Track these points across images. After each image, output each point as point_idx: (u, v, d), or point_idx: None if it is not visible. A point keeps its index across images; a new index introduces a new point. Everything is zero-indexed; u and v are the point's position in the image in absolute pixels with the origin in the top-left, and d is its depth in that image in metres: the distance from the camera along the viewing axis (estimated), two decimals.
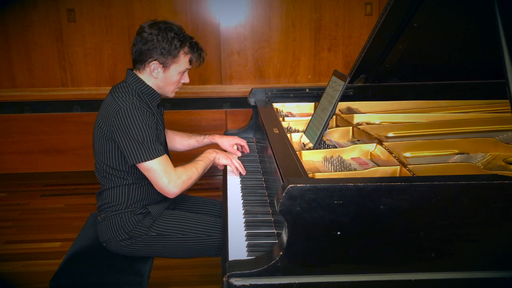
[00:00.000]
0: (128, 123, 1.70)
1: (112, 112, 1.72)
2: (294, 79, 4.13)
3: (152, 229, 1.83)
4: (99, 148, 1.82)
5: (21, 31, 3.83)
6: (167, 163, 1.76)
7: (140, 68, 1.84)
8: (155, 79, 1.84)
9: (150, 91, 1.85)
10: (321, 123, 1.85)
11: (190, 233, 1.84)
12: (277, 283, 1.17)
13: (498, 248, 1.20)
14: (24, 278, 2.59)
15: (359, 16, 4.02)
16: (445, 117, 2.20)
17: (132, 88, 1.82)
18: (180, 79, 1.89)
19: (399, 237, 1.16)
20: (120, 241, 1.81)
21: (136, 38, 1.80)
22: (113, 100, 1.76)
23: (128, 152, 1.72)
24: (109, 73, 3.98)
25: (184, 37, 1.82)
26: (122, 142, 1.72)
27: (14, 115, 3.82)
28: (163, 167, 1.73)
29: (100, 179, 1.88)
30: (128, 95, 1.76)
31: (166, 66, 1.81)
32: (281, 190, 1.12)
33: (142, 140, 1.70)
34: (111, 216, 1.82)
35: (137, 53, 1.81)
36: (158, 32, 1.77)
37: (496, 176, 1.17)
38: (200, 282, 2.54)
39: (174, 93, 1.93)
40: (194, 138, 2.26)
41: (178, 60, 1.82)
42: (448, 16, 1.95)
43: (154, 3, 3.86)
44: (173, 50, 1.78)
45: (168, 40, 1.77)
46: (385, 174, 1.52)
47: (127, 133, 1.70)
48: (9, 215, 3.38)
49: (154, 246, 1.83)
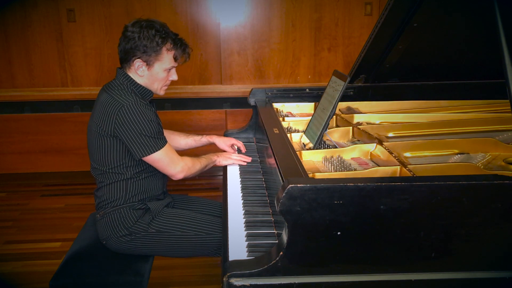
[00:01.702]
0: (133, 119, 1.75)
1: (114, 110, 1.75)
2: (294, 79, 4.13)
3: (151, 226, 1.84)
4: (96, 146, 1.84)
5: (21, 31, 3.83)
6: (171, 150, 1.87)
7: (126, 67, 1.86)
8: (141, 77, 1.86)
9: (141, 88, 1.88)
10: (321, 123, 1.85)
11: (189, 231, 1.85)
12: (277, 283, 1.17)
13: (498, 248, 1.20)
14: (24, 278, 2.59)
15: (359, 16, 4.02)
16: (445, 117, 2.20)
17: (126, 86, 1.84)
18: (168, 77, 1.90)
19: (399, 237, 1.16)
20: (120, 237, 1.81)
21: (120, 37, 1.83)
22: (111, 98, 1.78)
23: (135, 146, 1.77)
24: (109, 73, 3.97)
25: (166, 34, 1.83)
26: (128, 137, 1.77)
27: (14, 115, 3.82)
28: (170, 155, 1.85)
29: (97, 177, 1.90)
30: (126, 93, 1.80)
31: (150, 64, 1.83)
32: (281, 190, 1.12)
33: (147, 134, 1.77)
34: (110, 212, 1.84)
35: (122, 52, 1.84)
36: (139, 30, 1.79)
37: (496, 176, 1.17)
38: (200, 282, 2.54)
39: (164, 90, 1.95)
40: (192, 138, 2.30)
41: (161, 57, 1.83)
42: (448, 16, 1.95)
43: (154, 3, 3.86)
44: (155, 47, 1.80)
45: (149, 37, 1.78)
46: (385, 174, 1.52)
47: (132, 129, 1.75)
48: (9, 215, 3.38)
49: (154, 243, 1.84)
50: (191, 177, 2.00)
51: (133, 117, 1.75)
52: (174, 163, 1.87)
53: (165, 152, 1.83)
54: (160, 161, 1.83)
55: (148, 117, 1.77)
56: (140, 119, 1.76)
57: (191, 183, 3.85)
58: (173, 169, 1.87)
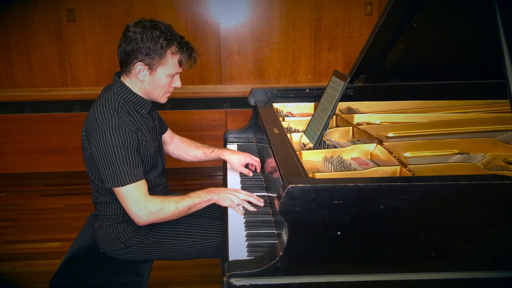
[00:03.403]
0: (104, 144, 1.58)
1: (91, 130, 1.62)
2: (294, 79, 4.13)
3: (148, 237, 1.79)
4: (86, 162, 1.74)
5: (21, 31, 3.83)
6: (139, 190, 1.61)
7: (126, 71, 1.70)
8: (141, 83, 1.69)
9: (137, 99, 1.72)
10: (321, 123, 1.85)
11: (187, 238, 1.81)
12: (277, 283, 1.17)
13: (498, 248, 1.20)
14: (24, 278, 2.59)
15: (359, 16, 4.02)
16: (445, 117, 2.20)
17: (117, 98, 1.69)
18: (170, 83, 1.73)
19: (399, 237, 1.16)
20: (117, 250, 1.78)
21: (121, 38, 1.66)
22: (94, 115, 1.64)
23: (105, 173, 1.61)
24: (109, 73, 3.98)
25: (172, 36, 1.66)
26: (100, 162, 1.62)
27: (14, 115, 3.82)
28: (133, 194, 1.60)
29: (94, 190, 1.80)
30: (108, 110, 1.64)
31: (153, 68, 1.66)
32: (281, 190, 1.12)
33: (118, 161, 1.59)
34: (106, 226, 1.78)
35: (122, 55, 1.67)
36: (142, 30, 1.62)
37: (496, 176, 1.17)
38: (200, 282, 2.54)
39: (166, 98, 1.78)
40: (202, 150, 2.10)
41: (165, 61, 1.66)
42: (448, 16, 1.95)
43: (154, 3, 3.86)
44: (159, 49, 1.63)
45: (153, 39, 1.61)
46: (385, 174, 1.52)
47: (103, 155, 1.60)
48: (9, 215, 3.37)
49: (151, 252, 1.81)
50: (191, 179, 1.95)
51: (104, 142, 1.58)
52: (136, 206, 1.60)
53: (130, 190, 1.59)
54: (121, 197, 1.61)
55: (121, 144, 1.58)
56: (111, 146, 1.57)
57: (190, 183, 3.84)
58: (132, 212, 1.61)
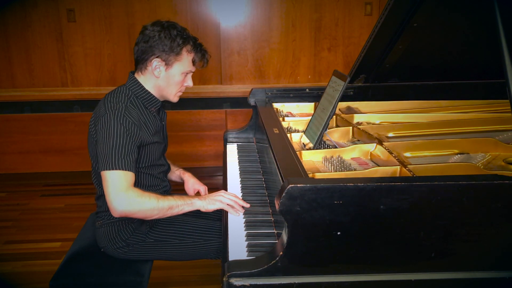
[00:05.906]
0: (107, 129, 1.64)
1: (99, 117, 1.69)
2: (294, 79, 4.13)
3: (149, 236, 1.81)
4: (92, 153, 1.77)
5: (21, 31, 3.83)
6: (125, 179, 1.61)
7: (142, 68, 1.78)
8: (156, 79, 1.77)
9: (148, 96, 1.80)
10: (321, 123, 1.85)
11: (187, 238, 1.83)
12: (277, 283, 1.17)
13: (498, 248, 1.20)
14: (24, 278, 2.59)
15: (359, 16, 4.02)
16: (445, 117, 2.19)
17: (128, 92, 1.77)
18: (183, 81, 1.82)
19: (399, 237, 1.16)
20: (117, 248, 1.79)
21: (139, 37, 1.77)
22: (103, 105, 1.71)
23: (100, 156, 1.64)
24: (109, 73, 3.98)
25: (188, 36, 1.78)
26: (99, 146, 1.65)
27: (14, 115, 3.82)
28: (117, 181, 1.59)
29: (95, 182, 1.83)
30: (117, 101, 1.71)
31: (169, 64, 1.75)
32: (281, 190, 1.12)
33: (114, 146, 1.62)
34: (107, 224, 1.79)
35: (139, 52, 1.76)
36: (161, 28, 1.73)
37: (496, 176, 1.17)
38: (200, 282, 2.54)
39: (178, 97, 1.86)
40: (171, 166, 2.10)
41: (181, 58, 1.76)
42: (448, 16, 1.95)
43: (154, 3, 3.86)
44: (175, 47, 1.73)
45: (171, 37, 1.73)
46: (385, 174, 1.52)
47: (103, 139, 1.64)
48: (9, 215, 3.38)
49: (152, 251, 1.82)
50: None
51: (105, 127, 1.64)
52: (116, 193, 1.58)
53: (115, 176, 1.59)
54: (104, 181, 1.61)
55: (120, 132, 1.63)
56: (111, 132, 1.63)
57: None
58: (111, 199, 1.58)
